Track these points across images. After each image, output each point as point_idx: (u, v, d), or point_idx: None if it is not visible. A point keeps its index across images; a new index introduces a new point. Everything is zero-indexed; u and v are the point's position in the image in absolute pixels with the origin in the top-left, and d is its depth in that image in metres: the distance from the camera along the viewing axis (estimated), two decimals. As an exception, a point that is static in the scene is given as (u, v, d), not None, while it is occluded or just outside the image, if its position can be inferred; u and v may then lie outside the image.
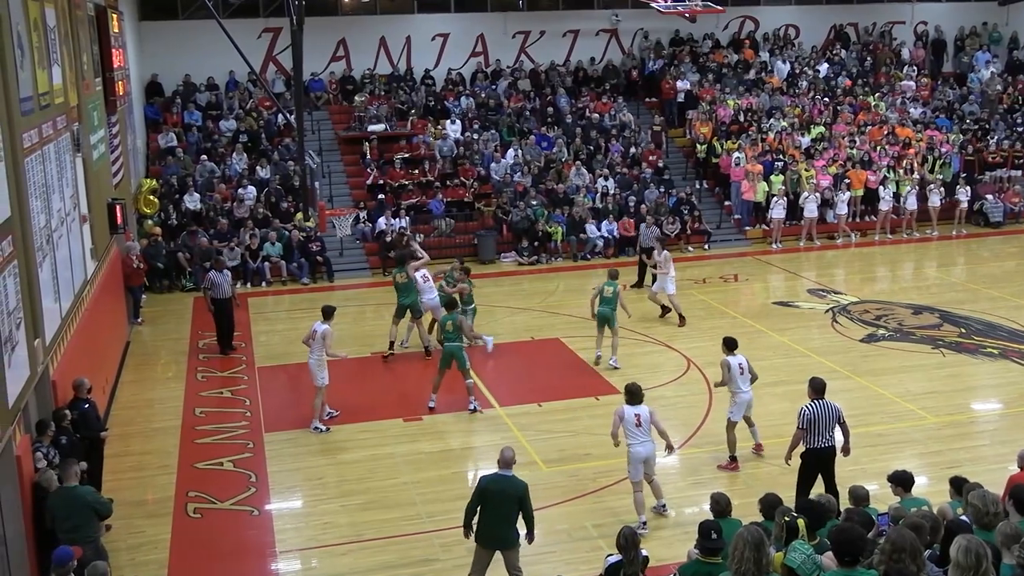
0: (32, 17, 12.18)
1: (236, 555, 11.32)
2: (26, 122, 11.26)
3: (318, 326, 14.40)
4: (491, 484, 9.49)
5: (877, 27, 34.28)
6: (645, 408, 11.39)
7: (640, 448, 11.29)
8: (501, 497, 9.42)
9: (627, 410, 11.35)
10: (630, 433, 11.31)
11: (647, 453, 11.34)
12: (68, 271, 13.31)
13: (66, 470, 9.90)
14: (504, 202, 25.79)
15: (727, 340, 13.18)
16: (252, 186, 25.25)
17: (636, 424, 11.26)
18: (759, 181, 26.56)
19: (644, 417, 11.30)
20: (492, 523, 9.48)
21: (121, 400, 16.12)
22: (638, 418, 11.28)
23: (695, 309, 20.19)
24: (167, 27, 28.44)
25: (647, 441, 11.31)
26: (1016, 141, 29.91)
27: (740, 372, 12.88)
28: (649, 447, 11.34)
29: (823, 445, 10.98)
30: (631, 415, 11.30)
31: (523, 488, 9.49)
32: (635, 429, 11.27)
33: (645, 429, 11.29)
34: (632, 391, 11.43)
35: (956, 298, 20.94)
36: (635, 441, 11.29)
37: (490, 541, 9.54)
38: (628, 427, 11.31)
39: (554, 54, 31.69)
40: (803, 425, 10.95)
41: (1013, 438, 13.71)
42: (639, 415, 11.30)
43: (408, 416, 14.94)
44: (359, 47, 30.26)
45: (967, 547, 5.99)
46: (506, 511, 9.43)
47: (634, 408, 11.34)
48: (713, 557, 7.46)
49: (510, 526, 9.48)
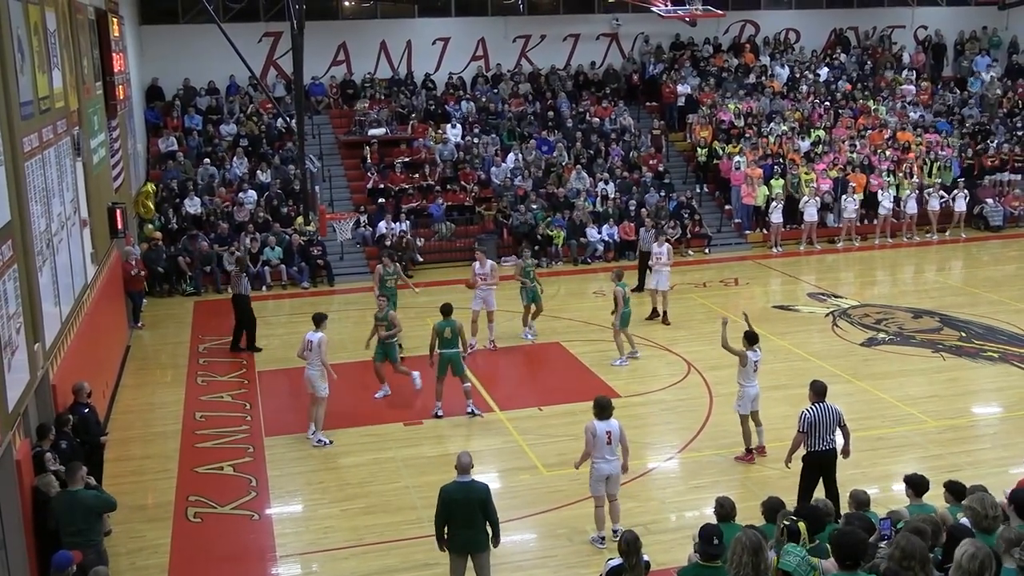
0: (32, 21, 12.19)
1: (236, 559, 11.31)
2: (26, 126, 11.27)
3: (312, 336, 14.15)
4: (453, 492, 9.45)
5: (877, 31, 34.31)
6: (615, 423, 10.91)
7: (605, 466, 10.88)
8: (465, 503, 9.41)
9: (598, 426, 10.84)
10: (598, 449, 10.84)
11: (611, 471, 10.93)
12: (68, 275, 13.31)
13: (72, 474, 9.88)
14: (504, 206, 25.81)
15: (748, 334, 13.15)
16: (252, 190, 25.27)
17: (607, 442, 10.81)
18: (759, 185, 26.57)
19: (615, 434, 10.84)
20: (460, 529, 9.50)
21: (121, 404, 16.12)
22: (609, 435, 10.81)
23: (695, 313, 20.20)
24: (168, 31, 28.45)
25: (614, 460, 10.92)
26: (1016, 145, 29.92)
27: (755, 368, 13.00)
28: (615, 465, 10.94)
29: (824, 448, 10.96)
30: (603, 432, 10.81)
31: (484, 491, 9.49)
32: (604, 447, 10.82)
33: (614, 447, 10.87)
34: (602, 405, 10.95)
35: (956, 302, 20.94)
36: (600, 459, 10.87)
37: (461, 547, 9.57)
38: (599, 444, 10.82)
39: (555, 58, 31.71)
40: (803, 428, 10.92)
41: (1013, 442, 13.73)
42: (610, 432, 10.83)
43: (409, 420, 14.94)
44: (360, 51, 30.28)
45: (974, 553, 5.99)
46: (471, 516, 9.43)
47: (604, 424, 10.85)
48: (713, 562, 7.44)
49: (478, 530, 9.51)
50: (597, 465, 10.90)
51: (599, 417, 10.86)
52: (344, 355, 18.21)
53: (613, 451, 10.89)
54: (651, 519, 11.55)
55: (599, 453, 10.86)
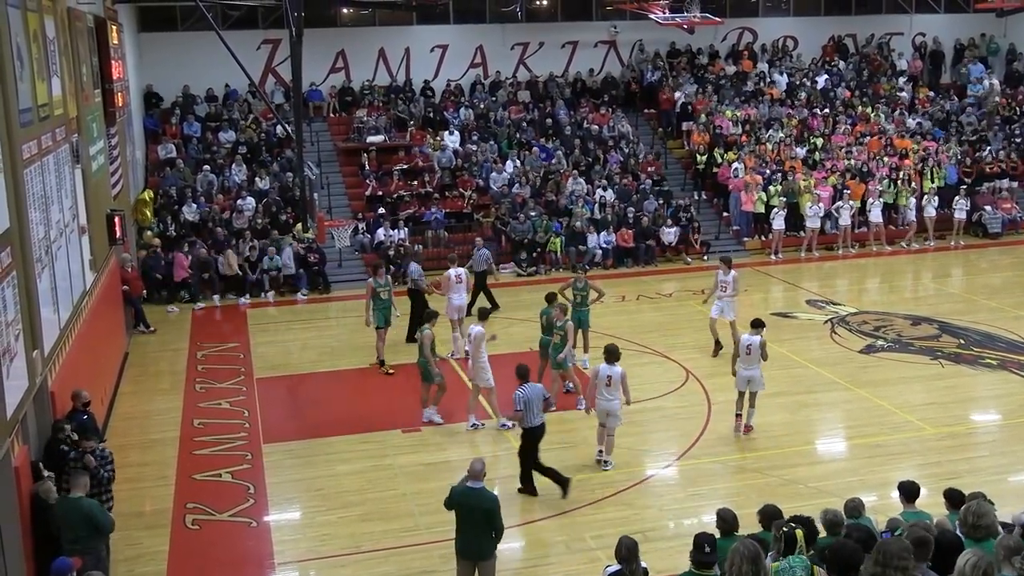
0: (32, 29, 12.20)
1: (234, 567, 11.30)
2: (25, 133, 11.27)
3: (473, 328, 14.77)
4: (460, 496, 9.50)
5: (875, 38, 34.38)
6: (619, 369, 12.73)
7: (603, 403, 12.85)
8: (470, 510, 9.43)
9: (602, 369, 12.75)
10: (599, 389, 12.81)
11: (608, 408, 12.85)
12: (67, 282, 13.30)
13: (75, 480, 9.85)
14: (503, 213, 25.82)
15: (754, 321, 14.26)
16: (251, 197, 25.28)
17: (607, 384, 12.71)
18: (758, 192, 26.60)
19: (615, 378, 12.69)
20: (466, 534, 9.52)
21: (119, 411, 16.11)
22: (610, 379, 12.68)
23: (694, 320, 20.19)
24: (166, 39, 28.49)
25: (612, 400, 12.79)
26: (1012, 152, 29.96)
27: (747, 352, 13.85)
28: (613, 404, 12.82)
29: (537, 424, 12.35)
30: (604, 374, 12.71)
31: (492, 501, 9.51)
32: (605, 388, 12.75)
33: (614, 389, 12.74)
34: (610, 351, 12.85)
35: (955, 309, 20.96)
36: (602, 398, 12.82)
37: (466, 553, 9.57)
38: (599, 385, 12.76)
39: (553, 65, 31.75)
40: (520, 407, 12.23)
41: (1012, 449, 13.74)
42: (611, 376, 12.68)
43: (407, 427, 14.93)
44: (358, 58, 30.33)
45: (976, 562, 6.02)
46: (476, 523, 9.43)
47: (608, 368, 12.71)
48: (707, 570, 7.45)
49: (485, 538, 9.50)
50: (597, 402, 12.95)
51: (607, 361, 12.79)
52: (343, 362, 18.25)
53: (613, 392, 12.76)
54: (649, 526, 11.55)
55: (599, 393, 12.85)
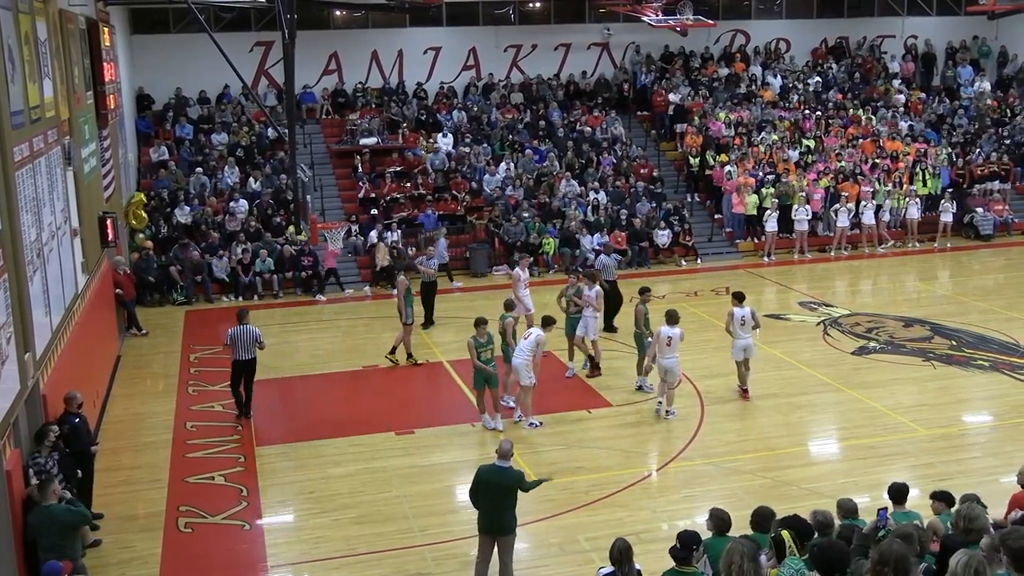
0: (23, 31, 12.19)
1: (227, 570, 11.27)
2: (17, 136, 11.26)
3: (535, 331, 14.93)
4: (486, 474, 9.91)
5: (868, 41, 34.46)
6: (678, 330, 14.70)
7: (664, 361, 14.70)
8: (494, 486, 9.83)
9: (664, 330, 14.68)
10: (661, 349, 14.66)
11: (669, 365, 14.68)
12: (59, 285, 13.28)
13: (44, 489, 9.83)
14: (496, 215, 25.82)
15: (736, 293, 15.80)
16: (244, 199, 25.24)
17: (667, 344, 14.61)
18: (750, 194, 26.63)
19: (675, 339, 14.64)
20: (488, 511, 9.91)
21: (112, 414, 16.06)
22: (670, 339, 14.60)
23: (687, 322, 20.03)
24: (159, 41, 28.44)
25: (671, 357, 14.67)
26: (1004, 154, 30.05)
27: (741, 323, 15.31)
28: (672, 361, 14.70)
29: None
30: (666, 335, 14.62)
31: (517, 477, 9.92)
32: (665, 348, 14.63)
33: (674, 348, 14.66)
34: (671, 314, 14.83)
35: (947, 310, 21.00)
36: (661, 356, 14.70)
37: (487, 528, 9.93)
38: (661, 345, 14.63)
39: (546, 68, 31.77)
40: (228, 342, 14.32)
41: (1004, 450, 13.76)
42: (671, 337, 14.61)
43: (400, 429, 14.91)
44: (351, 60, 30.30)
45: (967, 562, 6.03)
46: (500, 499, 9.82)
47: (669, 330, 14.64)
48: (687, 567, 7.54)
49: (506, 514, 9.86)
50: (658, 359, 14.79)
51: (667, 323, 14.71)
52: (336, 364, 18.23)
53: (674, 350, 14.67)
54: (643, 528, 11.54)
55: (661, 352, 14.70)
